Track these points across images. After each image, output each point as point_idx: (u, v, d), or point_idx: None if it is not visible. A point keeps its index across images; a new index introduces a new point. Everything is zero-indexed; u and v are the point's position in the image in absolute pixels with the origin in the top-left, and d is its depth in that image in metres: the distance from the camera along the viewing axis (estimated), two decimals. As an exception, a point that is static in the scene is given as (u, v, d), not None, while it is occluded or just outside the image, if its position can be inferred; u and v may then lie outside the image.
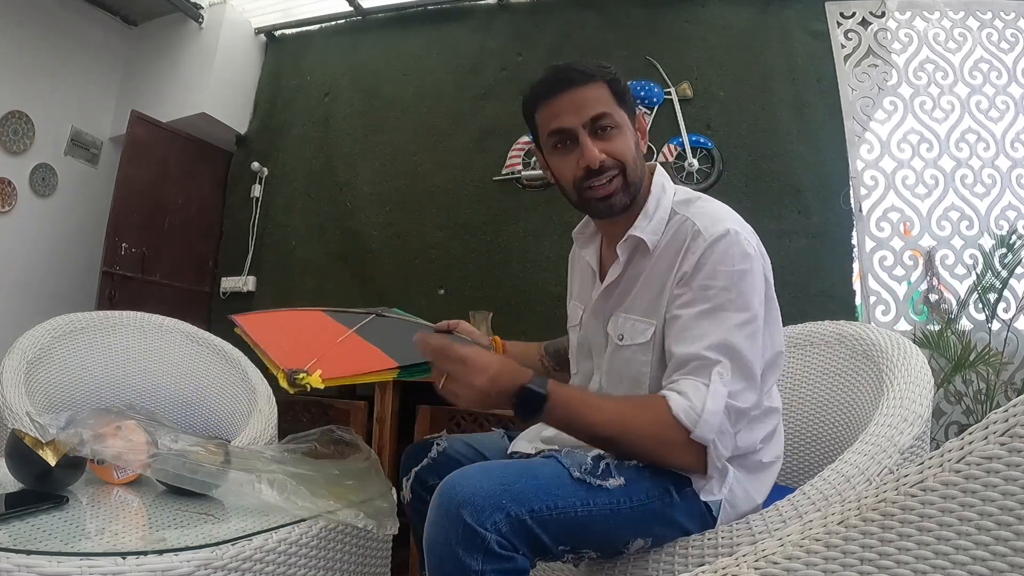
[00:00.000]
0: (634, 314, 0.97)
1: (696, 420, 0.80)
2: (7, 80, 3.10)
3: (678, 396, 0.82)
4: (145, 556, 0.66)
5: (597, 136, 0.94)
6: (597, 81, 0.94)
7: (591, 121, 0.94)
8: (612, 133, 0.94)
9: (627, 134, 0.96)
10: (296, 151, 3.54)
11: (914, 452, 0.87)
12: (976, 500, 0.43)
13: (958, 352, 2.22)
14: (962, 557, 0.43)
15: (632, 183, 0.96)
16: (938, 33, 2.73)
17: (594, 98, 0.94)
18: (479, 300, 2.95)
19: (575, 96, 0.94)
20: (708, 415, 0.80)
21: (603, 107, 0.94)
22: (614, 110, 0.94)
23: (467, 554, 0.73)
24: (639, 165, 0.97)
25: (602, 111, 0.93)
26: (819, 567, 0.47)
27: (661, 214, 0.96)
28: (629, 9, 3.06)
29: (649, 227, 0.96)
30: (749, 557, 0.51)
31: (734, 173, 2.78)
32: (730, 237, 0.88)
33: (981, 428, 0.44)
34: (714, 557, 0.82)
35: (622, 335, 0.98)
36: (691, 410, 0.81)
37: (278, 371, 0.93)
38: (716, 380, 0.82)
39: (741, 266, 0.87)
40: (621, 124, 0.95)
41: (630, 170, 0.95)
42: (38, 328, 1.65)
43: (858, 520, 0.47)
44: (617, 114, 0.95)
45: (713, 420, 0.80)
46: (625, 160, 0.94)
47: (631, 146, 0.95)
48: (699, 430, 0.80)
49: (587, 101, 0.94)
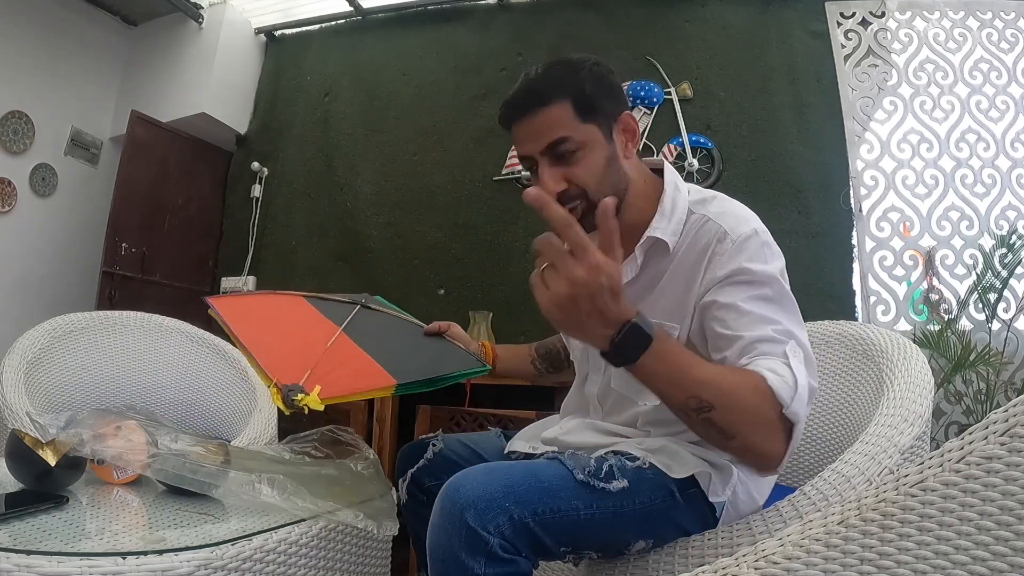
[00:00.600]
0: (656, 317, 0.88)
1: (792, 394, 0.73)
2: (7, 80, 3.10)
3: (769, 371, 0.74)
4: (145, 556, 0.66)
5: (557, 162, 0.88)
6: (556, 101, 0.87)
7: (548, 148, 0.88)
8: (575, 156, 0.87)
9: (594, 152, 0.88)
10: (296, 151, 3.54)
11: (914, 452, 0.87)
12: (976, 500, 0.43)
13: (958, 352, 2.22)
14: (962, 557, 0.43)
15: None
16: (938, 33, 2.73)
17: (550, 123, 0.87)
18: (479, 300, 2.95)
19: (533, 122, 0.88)
20: (802, 389, 0.74)
21: (562, 131, 0.87)
22: (575, 130, 0.87)
23: (470, 557, 0.73)
24: (609, 183, 0.89)
25: (560, 135, 0.87)
26: (819, 567, 0.47)
27: (679, 214, 0.92)
28: (629, 9, 3.06)
29: (669, 228, 0.91)
30: (749, 557, 0.51)
31: (734, 173, 2.78)
32: (758, 236, 0.86)
33: (981, 428, 0.44)
34: (714, 557, 0.82)
35: None
36: (786, 384, 0.73)
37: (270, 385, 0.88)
38: (793, 357, 0.76)
39: (775, 262, 0.86)
40: (585, 142, 0.88)
41: (592, 194, 0.87)
42: (38, 328, 1.65)
43: (858, 520, 0.47)
44: (580, 133, 0.87)
45: (805, 395, 0.74)
46: (587, 186, 0.87)
47: (597, 168, 0.88)
48: (794, 405, 0.73)
49: (543, 127, 0.88)
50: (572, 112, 0.87)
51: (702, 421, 0.73)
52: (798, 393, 0.73)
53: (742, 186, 2.75)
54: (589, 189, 0.88)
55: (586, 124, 0.88)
